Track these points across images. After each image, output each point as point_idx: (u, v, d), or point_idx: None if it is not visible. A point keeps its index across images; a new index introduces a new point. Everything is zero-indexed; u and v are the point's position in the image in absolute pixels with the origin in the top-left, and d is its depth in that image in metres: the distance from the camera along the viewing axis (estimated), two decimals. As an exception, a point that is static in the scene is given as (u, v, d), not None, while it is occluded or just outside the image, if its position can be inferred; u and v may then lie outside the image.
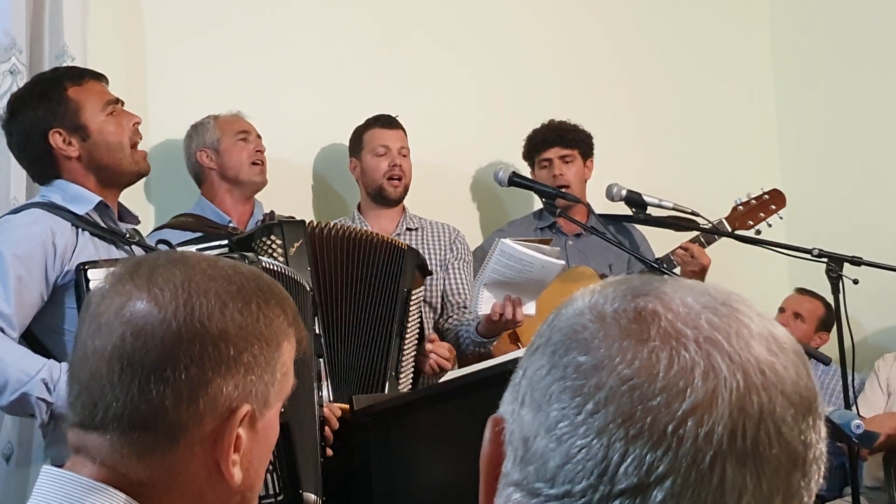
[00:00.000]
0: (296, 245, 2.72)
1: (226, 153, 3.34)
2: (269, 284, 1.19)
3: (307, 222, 2.89)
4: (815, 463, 0.71)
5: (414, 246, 3.60)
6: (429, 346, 3.15)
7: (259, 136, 3.42)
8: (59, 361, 2.33)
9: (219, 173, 3.35)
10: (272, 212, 3.25)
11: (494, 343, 3.40)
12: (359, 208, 3.70)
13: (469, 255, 3.70)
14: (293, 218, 3.15)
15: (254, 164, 3.35)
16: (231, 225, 3.14)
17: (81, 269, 2.28)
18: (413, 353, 3.08)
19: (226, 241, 2.67)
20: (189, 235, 2.85)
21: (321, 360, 2.55)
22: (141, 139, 2.63)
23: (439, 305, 3.59)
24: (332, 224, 3.01)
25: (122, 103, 2.62)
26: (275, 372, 1.15)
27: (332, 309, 2.86)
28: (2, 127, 2.63)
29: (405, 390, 3.02)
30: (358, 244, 2.97)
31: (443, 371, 3.18)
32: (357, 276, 2.94)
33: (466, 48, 4.27)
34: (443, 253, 3.65)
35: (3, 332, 2.34)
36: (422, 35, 4.17)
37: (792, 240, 3.66)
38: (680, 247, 3.68)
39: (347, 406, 2.68)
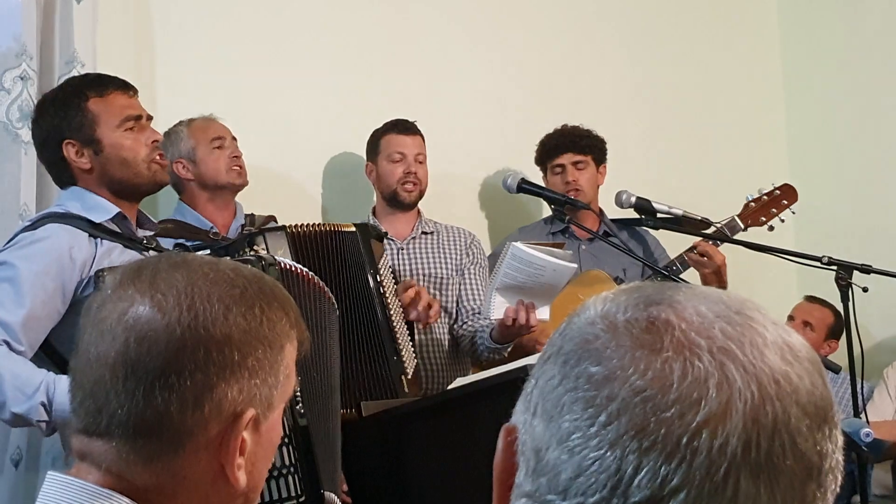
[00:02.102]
0: (279, 252, 2.69)
1: (202, 163, 3.26)
2: (272, 287, 1.18)
3: (287, 227, 2.83)
4: (831, 473, 0.70)
5: (430, 250, 3.60)
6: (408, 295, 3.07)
7: (234, 139, 3.33)
8: None
9: (197, 183, 3.27)
10: (252, 214, 3.24)
11: (509, 349, 3.39)
12: (373, 212, 3.70)
13: (484, 259, 3.69)
14: (273, 218, 3.14)
15: (231, 169, 3.27)
16: (213, 230, 3.10)
17: (100, 275, 2.29)
18: (404, 326, 3.03)
19: (208, 251, 2.64)
20: (170, 243, 2.81)
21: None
22: (161, 156, 2.61)
23: (454, 311, 3.58)
24: (304, 224, 2.92)
25: (150, 118, 2.61)
26: (278, 374, 1.15)
27: None
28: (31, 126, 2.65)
29: (412, 366, 2.99)
30: (323, 239, 2.91)
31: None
32: (330, 273, 2.87)
33: (478, 53, 4.27)
34: (458, 257, 3.64)
35: (8, 345, 2.34)
36: (433, 41, 4.17)
37: (801, 247, 3.65)
38: (691, 247, 3.65)
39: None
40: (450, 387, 2.84)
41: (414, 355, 3.06)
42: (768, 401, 0.68)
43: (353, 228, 3.00)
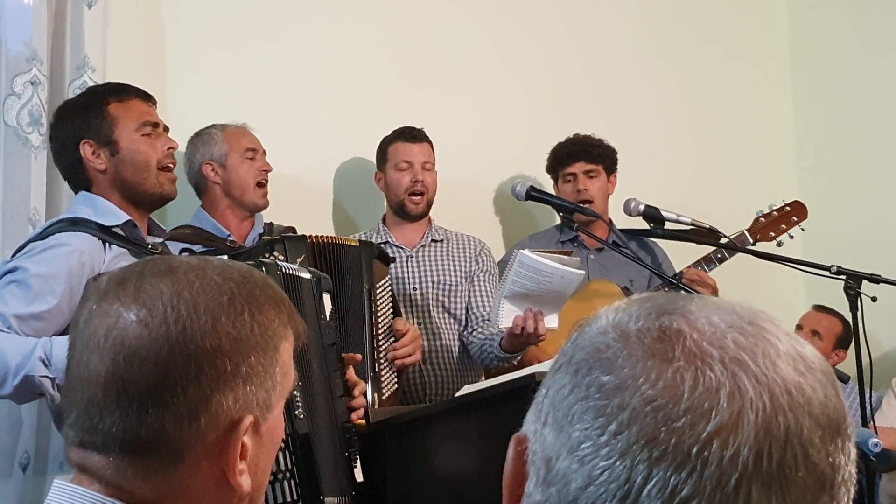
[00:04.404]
0: (298, 261, 2.70)
1: (232, 170, 3.26)
2: (262, 286, 1.15)
3: (307, 236, 2.86)
4: (843, 486, 0.70)
5: (440, 257, 3.60)
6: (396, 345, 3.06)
7: (264, 153, 3.35)
8: None
9: (223, 189, 3.27)
10: (271, 223, 3.25)
11: (518, 358, 3.38)
12: (384, 220, 3.70)
13: (494, 267, 3.68)
14: (292, 229, 3.15)
15: (259, 185, 3.28)
16: (230, 238, 3.10)
17: (95, 279, 2.29)
18: (390, 350, 3.03)
19: (225, 258, 2.65)
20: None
21: (334, 346, 2.53)
22: (174, 164, 2.66)
23: (464, 318, 3.57)
24: (320, 236, 2.96)
25: (166, 129, 2.66)
26: (274, 376, 1.13)
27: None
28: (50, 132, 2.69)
29: (390, 387, 2.99)
30: (329, 251, 2.93)
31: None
32: (336, 285, 2.91)
33: (490, 61, 4.28)
34: (468, 265, 3.63)
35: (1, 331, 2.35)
36: (445, 48, 4.17)
37: (810, 257, 3.63)
38: (680, 273, 3.65)
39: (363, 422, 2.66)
40: (457, 394, 2.83)
41: (395, 380, 3.03)
42: (780, 412, 0.67)
43: (357, 244, 3.02)
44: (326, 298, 2.55)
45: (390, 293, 3.11)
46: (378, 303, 2.99)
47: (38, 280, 2.39)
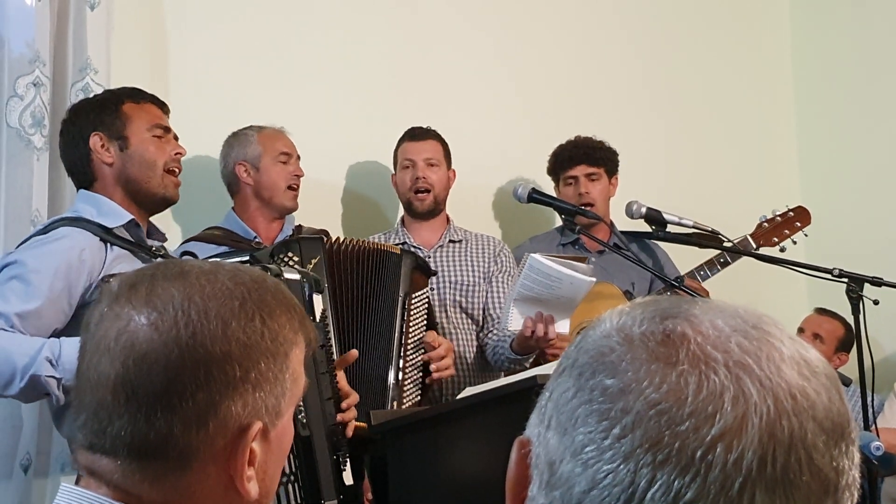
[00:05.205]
0: (313, 261, 2.71)
1: (264, 172, 3.29)
2: (274, 292, 1.15)
3: (324, 238, 2.88)
4: (847, 490, 0.70)
5: (457, 258, 3.60)
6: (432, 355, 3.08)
7: (299, 157, 3.37)
8: None
9: (253, 190, 3.30)
10: (300, 226, 3.26)
11: (530, 360, 3.37)
12: (402, 221, 3.72)
13: (513, 268, 3.67)
14: (324, 231, 3.16)
15: (289, 188, 3.30)
16: (256, 240, 3.14)
17: (107, 281, 2.30)
18: (418, 361, 3.04)
19: (248, 257, 2.67)
20: (215, 248, 2.89)
21: (324, 348, 2.54)
22: (180, 170, 2.69)
23: (481, 318, 3.58)
24: (347, 239, 3.00)
25: (176, 137, 2.71)
26: (284, 383, 1.13)
27: (345, 324, 2.85)
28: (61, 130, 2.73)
29: (412, 398, 3.00)
30: (363, 255, 2.97)
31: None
32: (363, 289, 2.94)
33: (491, 63, 4.28)
34: (486, 265, 3.64)
35: (3, 330, 2.36)
36: (446, 51, 4.18)
37: (812, 259, 3.63)
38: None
39: (365, 424, 2.66)
40: (459, 396, 2.83)
41: (418, 393, 3.04)
42: (784, 416, 0.67)
43: (398, 251, 3.05)
44: (317, 299, 2.55)
45: (426, 305, 3.12)
46: (412, 312, 3.01)
47: (37, 275, 2.41)
